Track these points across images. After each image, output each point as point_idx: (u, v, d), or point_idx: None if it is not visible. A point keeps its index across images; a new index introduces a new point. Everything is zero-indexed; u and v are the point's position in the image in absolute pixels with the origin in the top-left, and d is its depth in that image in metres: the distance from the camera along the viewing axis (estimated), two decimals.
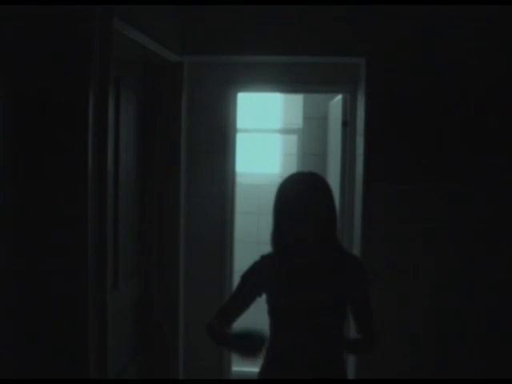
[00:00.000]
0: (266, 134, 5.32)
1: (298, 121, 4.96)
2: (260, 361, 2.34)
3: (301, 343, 2.19)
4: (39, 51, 2.09)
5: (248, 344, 2.15)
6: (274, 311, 2.26)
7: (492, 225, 3.13)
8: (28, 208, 2.09)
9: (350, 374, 3.14)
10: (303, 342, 2.19)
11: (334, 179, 3.81)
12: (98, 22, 2.14)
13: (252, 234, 4.82)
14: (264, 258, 2.29)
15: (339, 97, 3.81)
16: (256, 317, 2.41)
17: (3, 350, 2.03)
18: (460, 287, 3.14)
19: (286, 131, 5.20)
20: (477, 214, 3.13)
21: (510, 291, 3.12)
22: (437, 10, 3.05)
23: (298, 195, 2.18)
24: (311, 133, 4.80)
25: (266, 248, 2.30)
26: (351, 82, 3.50)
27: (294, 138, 5.06)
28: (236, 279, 3.64)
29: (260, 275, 2.26)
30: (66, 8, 2.06)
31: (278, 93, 4.62)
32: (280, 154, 5.34)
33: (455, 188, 3.13)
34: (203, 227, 3.58)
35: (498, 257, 3.12)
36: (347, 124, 3.63)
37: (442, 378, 3.13)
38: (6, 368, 2.04)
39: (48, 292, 2.11)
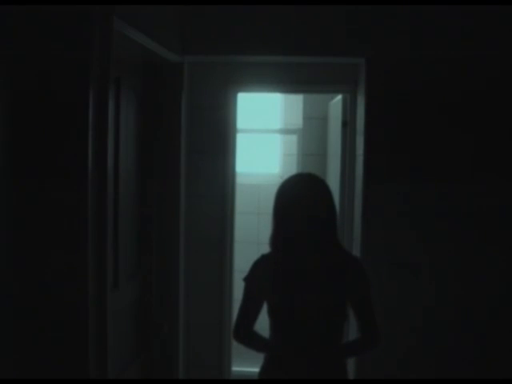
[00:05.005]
0: (266, 134, 5.32)
1: (297, 121, 4.95)
2: (260, 361, 2.34)
3: (301, 343, 2.20)
4: (39, 51, 2.09)
5: None
6: (273, 311, 2.26)
7: (492, 224, 3.13)
8: (28, 208, 2.09)
9: (350, 374, 3.14)
10: (303, 342, 2.20)
11: (334, 179, 3.81)
12: (98, 22, 2.14)
13: (252, 234, 4.82)
14: (264, 257, 2.29)
15: (339, 97, 3.81)
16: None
17: (3, 350, 2.03)
18: (460, 286, 3.14)
19: (285, 131, 5.19)
20: (477, 213, 3.13)
21: (510, 290, 3.12)
22: (437, 10, 3.05)
23: (298, 196, 2.19)
24: (311, 133, 4.80)
25: (266, 248, 2.31)
26: (351, 81, 3.50)
27: (293, 138, 5.05)
28: (236, 279, 3.66)
29: (262, 274, 2.26)
30: (66, 8, 2.06)
31: (278, 93, 4.62)
32: (280, 154, 5.34)
33: (455, 188, 3.13)
34: (203, 227, 3.58)
35: (499, 256, 3.12)
36: (347, 124, 3.63)
37: (442, 377, 3.13)
38: (6, 368, 2.04)
39: (48, 292, 2.11)
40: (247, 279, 2.28)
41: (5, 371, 2.04)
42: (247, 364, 3.66)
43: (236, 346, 3.94)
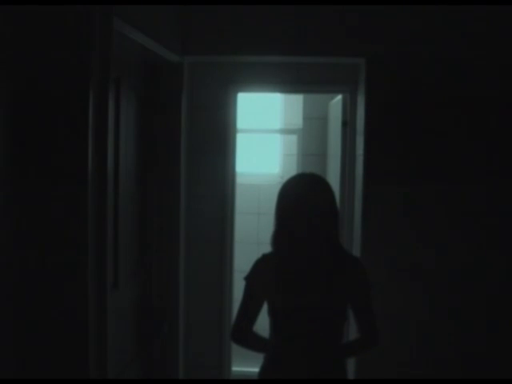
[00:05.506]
0: (266, 134, 5.32)
1: (298, 121, 4.95)
2: (260, 361, 2.34)
3: (300, 343, 2.20)
4: (39, 51, 2.09)
5: None
6: (274, 311, 2.26)
7: (492, 225, 3.13)
8: (28, 208, 2.09)
9: (350, 374, 3.14)
10: (303, 342, 2.20)
11: (334, 179, 3.81)
12: (98, 22, 2.14)
13: (252, 235, 4.82)
14: (265, 256, 2.29)
15: (339, 97, 3.81)
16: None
17: (3, 350, 2.03)
18: (460, 287, 3.14)
19: (285, 131, 5.20)
20: (477, 213, 3.13)
21: (510, 291, 3.12)
22: (437, 10, 3.05)
23: (300, 196, 2.19)
24: (311, 133, 4.80)
25: (266, 248, 2.31)
26: (351, 81, 3.50)
27: (293, 138, 5.06)
28: (236, 279, 3.66)
29: (263, 274, 2.26)
30: (66, 8, 2.06)
31: (278, 93, 4.62)
32: (280, 154, 5.34)
33: (455, 188, 3.13)
34: (203, 227, 3.58)
35: (499, 256, 3.12)
36: (347, 124, 3.63)
37: (442, 377, 3.13)
38: (6, 368, 2.04)
39: (48, 292, 2.11)
40: (248, 278, 2.28)
41: (5, 371, 2.03)
42: (247, 364, 3.66)
43: (236, 346, 3.95)
